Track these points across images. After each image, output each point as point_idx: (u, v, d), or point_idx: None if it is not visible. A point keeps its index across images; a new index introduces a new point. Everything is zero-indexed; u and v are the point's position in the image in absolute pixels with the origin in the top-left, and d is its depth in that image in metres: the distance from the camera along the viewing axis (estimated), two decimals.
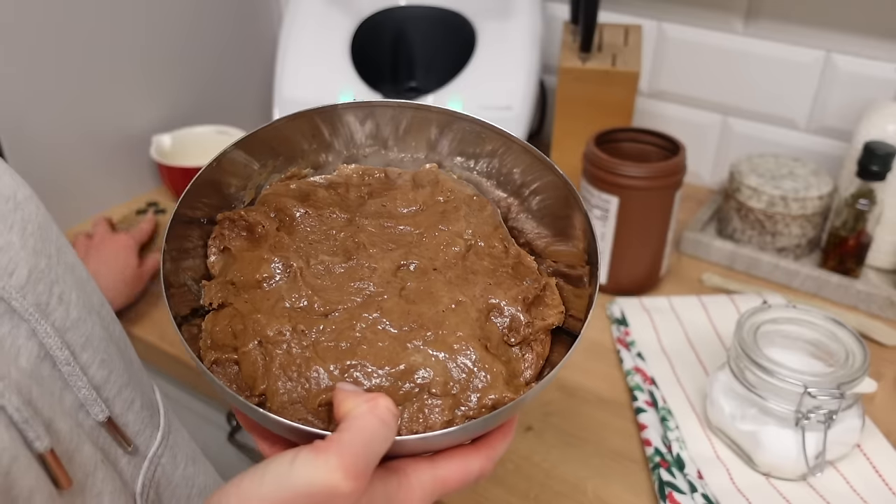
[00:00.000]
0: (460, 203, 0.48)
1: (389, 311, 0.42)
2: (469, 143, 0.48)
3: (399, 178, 0.50)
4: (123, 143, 0.98)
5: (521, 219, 0.49)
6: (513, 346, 0.44)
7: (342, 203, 0.48)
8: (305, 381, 0.39)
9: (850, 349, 0.58)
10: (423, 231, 0.46)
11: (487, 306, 0.43)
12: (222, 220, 0.46)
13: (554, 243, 0.48)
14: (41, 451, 0.33)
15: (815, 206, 0.82)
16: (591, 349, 0.75)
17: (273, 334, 0.40)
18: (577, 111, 0.91)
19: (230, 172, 0.46)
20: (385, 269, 0.44)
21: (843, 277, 0.81)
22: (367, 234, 0.46)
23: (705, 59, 0.97)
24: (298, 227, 0.46)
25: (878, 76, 0.87)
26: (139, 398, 0.46)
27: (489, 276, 0.45)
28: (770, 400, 0.57)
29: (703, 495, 0.57)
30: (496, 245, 0.47)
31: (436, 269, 0.45)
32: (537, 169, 0.46)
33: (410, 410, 0.39)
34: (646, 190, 0.75)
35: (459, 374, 0.40)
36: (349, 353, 0.40)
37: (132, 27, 0.94)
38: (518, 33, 0.94)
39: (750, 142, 0.99)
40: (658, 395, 0.67)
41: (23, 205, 0.39)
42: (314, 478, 0.31)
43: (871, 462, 0.60)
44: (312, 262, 0.44)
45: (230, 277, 0.43)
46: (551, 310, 0.45)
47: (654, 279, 0.82)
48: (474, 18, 0.96)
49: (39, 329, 0.37)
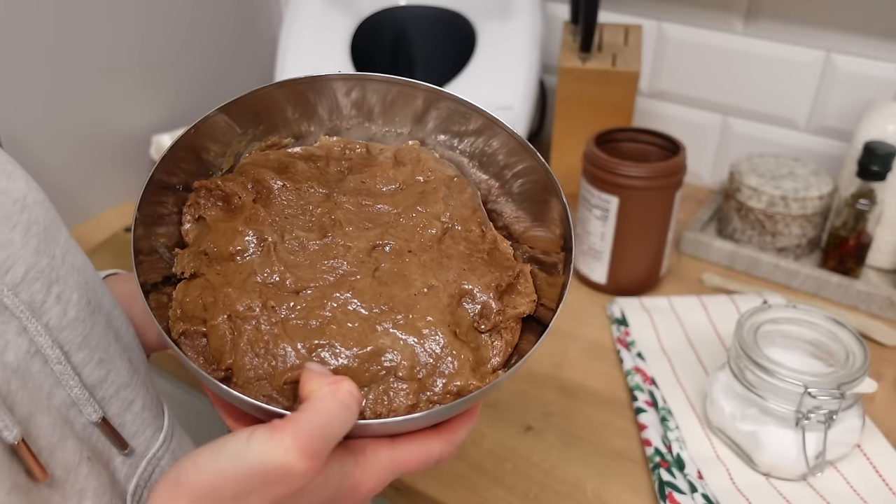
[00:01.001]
0: (440, 184, 0.47)
1: (361, 291, 0.42)
2: (453, 122, 0.48)
3: (381, 153, 0.50)
4: (123, 144, 0.98)
5: (500, 202, 0.49)
6: (482, 332, 0.44)
7: (321, 177, 0.47)
8: (272, 359, 0.39)
9: (851, 349, 0.58)
10: (400, 211, 0.46)
11: (460, 292, 0.43)
12: (198, 189, 0.45)
13: (532, 228, 0.47)
14: (10, 441, 0.34)
15: (815, 206, 0.82)
16: (591, 349, 0.75)
17: (243, 309, 0.40)
18: (577, 111, 0.91)
19: (210, 138, 0.45)
20: (360, 248, 0.44)
21: (843, 277, 0.80)
22: (343, 211, 0.45)
23: (705, 59, 0.97)
24: (275, 200, 0.45)
25: (878, 76, 0.87)
26: (141, 399, 0.46)
27: (464, 262, 0.45)
28: (770, 400, 0.57)
29: (703, 495, 0.57)
30: (473, 229, 0.47)
31: (411, 252, 0.44)
32: (519, 153, 0.46)
33: (375, 392, 0.39)
34: (646, 190, 0.75)
35: (427, 359, 0.40)
36: (318, 332, 0.40)
37: (132, 27, 0.94)
38: (518, 33, 0.94)
39: (750, 142, 0.99)
40: (658, 395, 0.67)
41: (31, 207, 0.40)
42: (268, 456, 0.31)
43: (871, 462, 0.60)
44: (287, 238, 0.44)
45: (203, 248, 0.43)
46: (523, 298, 0.45)
47: (654, 279, 0.82)
48: (474, 18, 0.96)
49: (30, 327, 0.38)
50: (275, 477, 0.32)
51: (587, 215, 0.79)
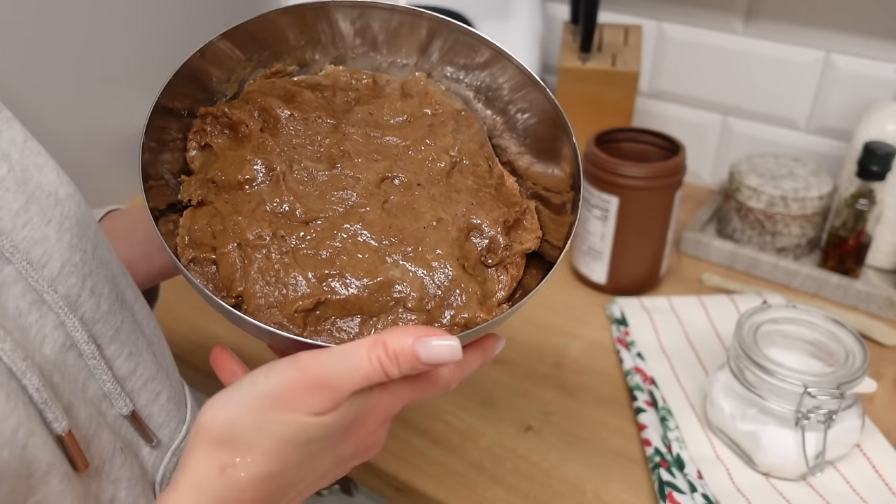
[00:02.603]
0: (448, 118, 0.47)
1: (371, 223, 0.42)
2: (460, 53, 0.48)
3: (387, 85, 0.49)
4: (123, 144, 0.98)
5: (505, 137, 0.49)
6: (489, 267, 0.44)
7: (328, 107, 0.47)
8: (283, 287, 0.39)
9: (850, 349, 0.58)
10: (409, 144, 0.46)
11: (468, 226, 0.44)
12: (204, 115, 0.45)
13: (536, 164, 0.48)
14: (59, 432, 0.35)
15: (815, 206, 0.82)
16: (591, 349, 0.75)
17: (253, 238, 0.40)
18: (577, 111, 0.91)
19: (214, 63, 0.45)
20: (369, 180, 0.44)
21: (842, 277, 0.80)
22: (352, 142, 0.45)
23: (705, 59, 0.97)
24: (283, 130, 0.45)
25: (878, 76, 0.87)
26: (166, 391, 0.46)
27: (472, 196, 0.45)
28: (770, 400, 0.57)
29: (703, 495, 0.57)
30: (481, 164, 0.47)
31: (420, 185, 0.45)
32: (527, 88, 0.46)
33: (384, 323, 0.40)
34: (646, 190, 0.75)
35: (435, 291, 0.41)
36: (328, 262, 0.40)
37: (132, 27, 0.94)
38: (518, 33, 0.94)
39: (750, 142, 0.99)
40: (658, 395, 0.67)
41: (63, 201, 0.40)
42: (288, 381, 0.34)
43: (871, 462, 0.60)
44: (295, 168, 0.44)
45: (211, 175, 0.43)
46: (529, 234, 0.45)
47: (654, 279, 0.82)
48: (474, 18, 0.96)
49: (67, 321, 0.38)
50: (294, 403, 0.33)
51: (587, 215, 0.79)
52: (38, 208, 0.39)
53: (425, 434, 0.65)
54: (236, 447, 0.34)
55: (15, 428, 0.32)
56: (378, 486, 0.64)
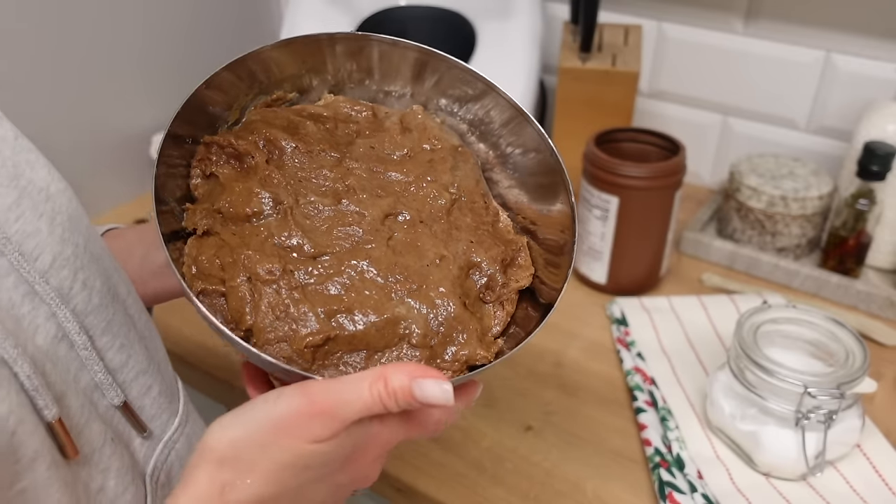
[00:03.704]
0: (447, 154, 0.49)
1: (377, 260, 0.43)
2: (453, 86, 0.49)
3: (386, 118, 0.50)
4: (123, 143, 0.98)
5: (496, 171, 0.50)
6: (486, 303, 0.46)
7: (331, 140, 0.48)
8: (293, 322, 0.40)
9: (850, 349, 0.58)
10: (411, 180, 0.47)
11: (468, 263, 0.45)
12: (209, 144, 0.45)
13: (526, 198, 0.49)
14: (49, 419, 0.35)
15: (815, 206, 0.82)
16: (591, 349, 0.75)
17: (263, 273, 0.41)
18: (577, 111, 0.91)
19: (217, 91, 0.45)
20: (374, 216, 0.45)
21: (843, 277, 0.81)
22: (356, 177, 0.46)
23: (705, 59, 0.97)
24: (288, 162, 0.46)
25: (878, 76, 0.87)
26: (158, 385, 0.47)
27: (471, 234, 0.46)
28: (770, 400, 0.57)
29: (703, 495, 0.57)
30: (477, 201, 0.48)
31: (423, 222, 0.46)
32: (518, 122, 0.47)
33: (388, 358, 0.41)
34: (646, 190, 0.75)
35: (438, 328, 0.42)
36: (336, 298, 0.41)
37: (132, 27, 0.94)
38: (518, 33, 0.94)
39: (750, 142, 0.99)
40: (658, 395, 0.67)
41: (54, 197, 0.41)
42: (294, 408, 0.35)
43: (871, 462, 0.60)
44: (302, 202, 0.44)
45: (217, 206, 0.43)
46: (524, 271, 0.47)
47: (654, 279, 0.82)
48: (474, 18, 0.96)
49: (59, 312, 0.39)
50: (297, 430, 0.35)
51: (587, 215, 0.79)
52: (31, 203, 0.39)
53: None
54: (238, 468, 0.35)
55: (6, 415, 0.32)
56: (379, 487, 0.64)
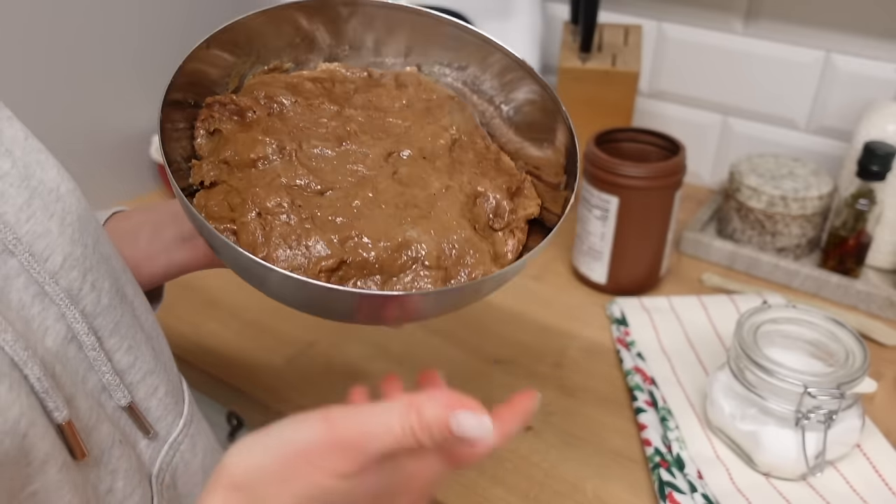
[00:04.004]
0: (444, 102, 0.50)
1: (384, 191, 0.44)
2: (448, 45, 0.50)
3: (382, 77, 0.52)
4: (123, 143, 0.98)
5: (493, 124, 0.52)
6: (496, 231, 0.46)
7: (329, 95, 0.49)
8: (306, 250, 0.41)
9: (850, 349, 0.58)
10: (410, 124, 0.48)
11: (474, 192, 0.46)
12: (211, 104, 0.46)
13: (528, 146, 0.50)
14: (60, 421, 0.35)
15: (815, 206, 0.82)
16: (591, 349, 0.75)
17: (272, 206, 0.42)
18: (577, 111, 0.90)
19: (214, 59, 0.46)
20: (377, 154, 0.46)
21: (842, 277, 0.80)
22: (357, 123, 0.47)
23: (705, 59, 0.97)
24: (289, 115, 0.47)
25: (878, 76, 0.87)
26: (164, 385, 0.47)
27: (475, 167, 0.47)
28: (770, 400, 0.57)
29: (703, 495, 0.57)
30: (478, 141, 0.49)
31: (425, 158, 0.47)
32: (515, 73, 0.48)
33: (404, 282, 0.42)
34: (646, 190, 0.75)
35: (451, 251, 0.43)
36: (347, 226, 0.42)
37: (132, 26, 0.94)
38: (518, 33, 0.94)
39: (750, 142, 0.99)
40: (658, 395, 0.67)
41: (64, 197, 0.41)
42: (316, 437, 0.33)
43: (871, 462, 0.60)
44: (305, 146, 0.45)
45: (224, 157, 0.44)
46: (530, 201, 0.48)
47: (654, 279, 0.82)
48: (474, 18, 0.96)
49: (68, 314, 0.39)
50: (318, 461, 0.33)
51: (587, 215, 0.79)
52: (41, 203, 0.39)
53: None
54: (254, 497, 0.33)
55: (17, 418, 0.32)
56: None
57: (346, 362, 0.73)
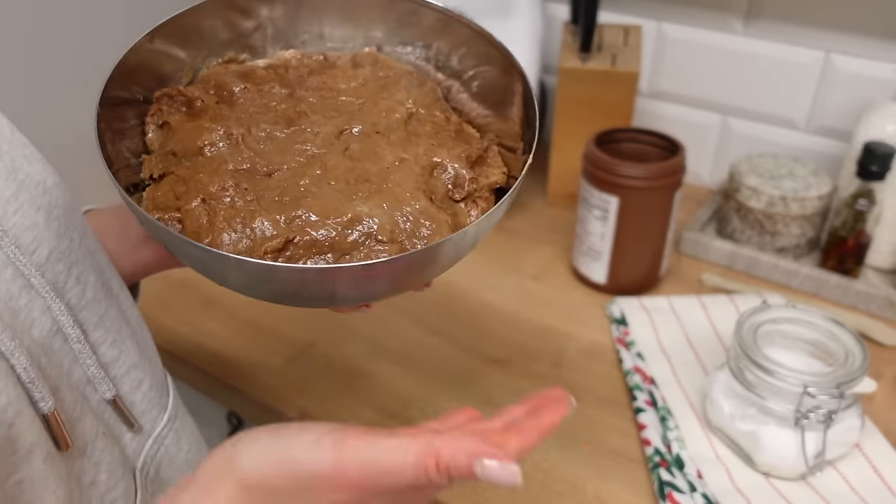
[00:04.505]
0: (400, 77, 0.49)
1: (334, 167, 0.43)
2: (407, 22, 0.49)
3: (339, 60, 0.51)
4: None
5: (461, 99, 0.50)
6: (457, 202, 0.44)
7: (282, 80, 0.48)
8: (251, 232, 0.40)
9: (850, 349, 0.58)
10: (364, 101, 0.47)
11: (431, 164, 0.44)
12: (160, 98, 0.46)
13: (495, 119, 0.49)
14: (45, 411, 0.35)
15: (815, 206, 0.82)
16: (591, 349, 0.75)
17: (216, 190, 0.41)
18: (577, 111, 0.91)
19: (163, 55, 0.46)
20: (328, 132, 0.45)
21: (842, 277, 0.81)
22: (308, 104, 0.46)
23: (705, 59, 0.97)
24: (238, 101, 0.46)
25: (878, 76, 0.87)
26: (149, 379, 0.47)
27: (432, 139, 0.46)
28: (769, 400, 0.57)
29: (702, 495, 0.57)
30: (437, 114, 0.48)
31: (378, 133, 0.45)
32: (475, 43, 0.47)
33: (358, 258, 0.40)
34: (646, 190, 0.75)
35: (405, 224, 0.41)
36: (293, 205, 0.41)
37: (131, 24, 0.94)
38: (518, 33, 0.94)
39: (750, 142, 0.99)
40: (658, 395, 0.67)
41: (51, 190, 0.41)
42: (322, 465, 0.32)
43: (871, 462, 0.60)
44: (254, 130, 0.44)
45: (170, 148, 0.44)
46: (494, 169, 0.46)
47: (653, 279, 0.82)
48: (474, 18, 0.95)
49: (54, 306, 0.39)
50: (322, 495, 0.33)
51: (587, 215, 0.79)
52: (28, 196, 0.40)
53: None
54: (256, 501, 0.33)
55: (4, 407, 0.33)
56: None
57: (345, 362, 0.73)
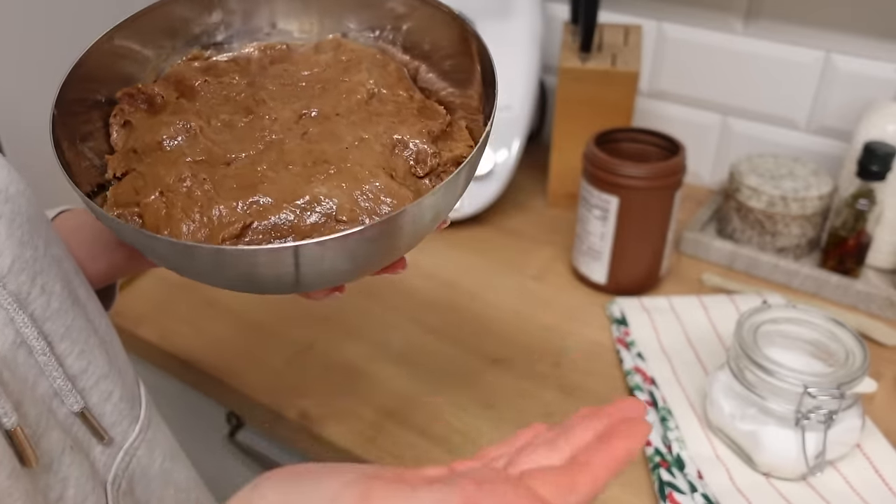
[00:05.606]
0: (362, 58, 0.48)
1: (291, 151, 0.42)
2: (372, 6, 0.49)
3: (301, 48, 0.51)
4: None
5: (430, 79, 0.50)
6: (421, 177, 0.44)
7: (243, 71, 0.48)
8: (208, 220, 0.40)
9: (850, 349, 0.58)
10: (324, 84, 0.47)
11: (392, 142, 0.44)
12: (121, 97, 0.46)
13: (464, 98, 0.48)
14: (8, 427, 0.34)
15: (815, 206, 0.82)
16: (591, 349, 0.75)
17: (173, 181, 0.41)
18: (577, 111, 0.91)
19: (125, 56, 0.46)
20: (286, 118, 0.44)
21: (842, 277, 0.80)
22: (267, 92, 0.46)
23: (705, 59, 0.97)
24: (199, 94, 0.46)
25: (878, 76, 0.87)
26: (119, 390, 0.46)
27: (393, 117, 0.45)
28: (770, 400, 0.57)
29: (702, 495, 0.57)
30: (401, 93, 0.47)
31: (338, 115, 0.45)
32: (439, 22, 0.47)
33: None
34: (646, 190, 0.75)
35: (366, 203, 0.41)
36: (251, 190, 0.40)
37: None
38: (518, 33, 0.94)
39: (750, 142, 0.99)
40: (658, 395, 0.67)
41: (14, 198, 0.40)
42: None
43: (871, 462, 0.60)
44: (213, 122, 0.44)
45: (131, 145, 0.44)
46: (459, 143, 0.45)
47: (653, 279, 0.82)
48: (474, 18, 0.96)
49: (17, 318, 0.38)
50: None
51: (587, 215, 0.79)
52: None
53: (425, 434, 0.65)
54: None
55: None
56: None
57: (345, 362, 0.73)
